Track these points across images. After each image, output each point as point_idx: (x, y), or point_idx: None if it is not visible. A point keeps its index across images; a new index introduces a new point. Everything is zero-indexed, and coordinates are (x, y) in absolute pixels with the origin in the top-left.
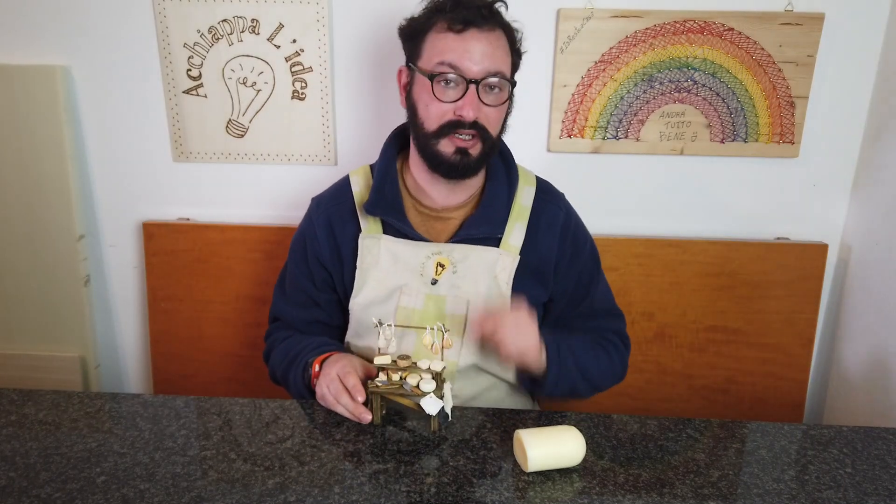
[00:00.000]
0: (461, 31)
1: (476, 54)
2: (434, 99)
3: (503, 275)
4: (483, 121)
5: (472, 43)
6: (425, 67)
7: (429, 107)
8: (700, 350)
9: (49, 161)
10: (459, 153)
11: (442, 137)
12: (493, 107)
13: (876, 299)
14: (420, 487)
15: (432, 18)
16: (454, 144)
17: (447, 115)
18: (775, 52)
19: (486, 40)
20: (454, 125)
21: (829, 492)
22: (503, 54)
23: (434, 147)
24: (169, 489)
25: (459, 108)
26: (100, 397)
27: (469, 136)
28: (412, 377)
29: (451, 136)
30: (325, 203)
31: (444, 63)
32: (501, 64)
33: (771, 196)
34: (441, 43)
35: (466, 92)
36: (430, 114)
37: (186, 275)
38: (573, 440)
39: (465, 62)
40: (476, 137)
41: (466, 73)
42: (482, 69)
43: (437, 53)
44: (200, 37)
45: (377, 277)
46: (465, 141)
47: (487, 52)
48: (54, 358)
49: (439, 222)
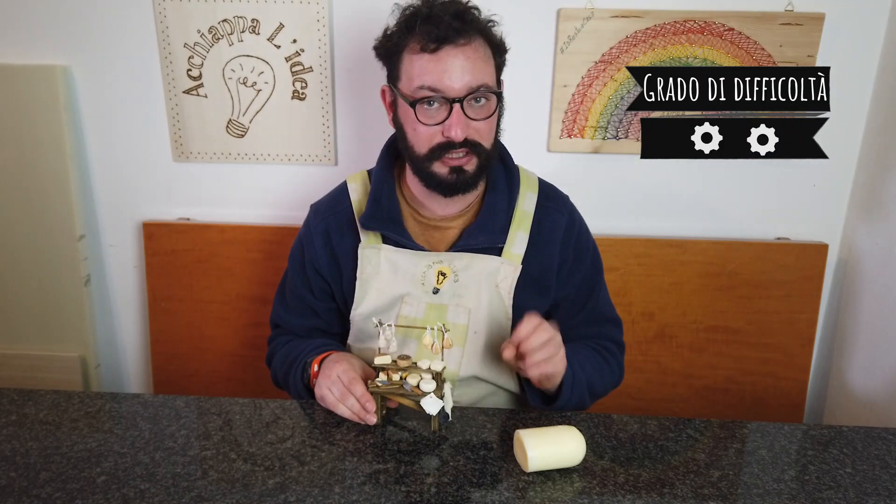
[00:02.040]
0: (435, 50)
1: (455, 72)
2: (419, 123)
3: (504, 284)
4: (474, 136)
5: (448, 61)
6: (406, 92)
7: (416, 130)
8: (700, 350)
9: (49, 161)
10: (455, 172)
11: (434, 160)
12: (482, 120)
13: (876, 299)
14: (420, 487)
15: (404, 38)
16: (447, 165)
17: (436, 137)
18: (775, 53)
19: (463, 55)
20: (445, 147)
21: (830, 492)
22: (483, 64)
23: (428, 169)
24: (169, 489)
25: (447, 130)
26: (100, 397)
27: (462, 153)
28: (412, 377)
29: (443, 158)
30: (323, 212)
31: (423, 87)
32: (483, 75)
33: (771, 196)
34: (417, 65)
35: (451, 112)
36: (418, 138)
37: (186, 275)
38: (573, 440)
39: (445, 82)
40: (469, 153)
41: (448, 92)
42: (463, 86)
43: (415, 77)
44: (201, 37)
45: (378, 287)
46: (458, 159)
47: (466, 67)
48: (55, 358)
49: (438, 232)
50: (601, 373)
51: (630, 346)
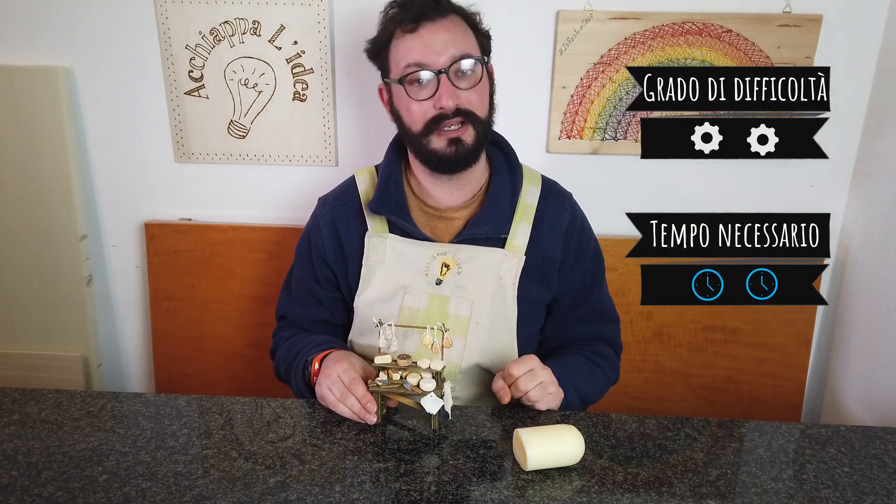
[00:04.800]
0: (414, 28)
1: (436, 44)
2: (412, 101)
3: (508, 276)
4: (465, 105)
5: (428, 36)
6: (395, 76)
7: (410, 110)
8: (698, 350)
9: (51, 161)
10: (453, 144)
11: (431, 135)
12: (471, 88)
13: (873, 299)
14: (420, 486)
15: (388, 30)
16: (445, 137)
17: (429, 112)
18: (773, 54)
19: (443, 27)
20: (438, 119)
21: (827, 491)
22: (464, 37)
23: (427, 146)
24: (171, 488)
25: (437, 101)
26: (102, 396)
27: (457, 124)
28: (412, 376)
29: (438, 130)
30: (331, 203)
31: (409, 65)
32: (465, 45)
33: (768, 196)
34: (401, 47)
35: (439, 84)
36: (413, 116)
37: (188, 275)
38: (572, 439)
39: (429, 56)
40: (465, 123)
41: (433, 65)
42: (448, 57)
43: (401, 58)
44: (202, 38)
45: (382, 276)
46: (454, 131)
47: (447, 38)
48: (57, 357)
49: (443, 222)
50: (595, 384)
51: (628, 346)
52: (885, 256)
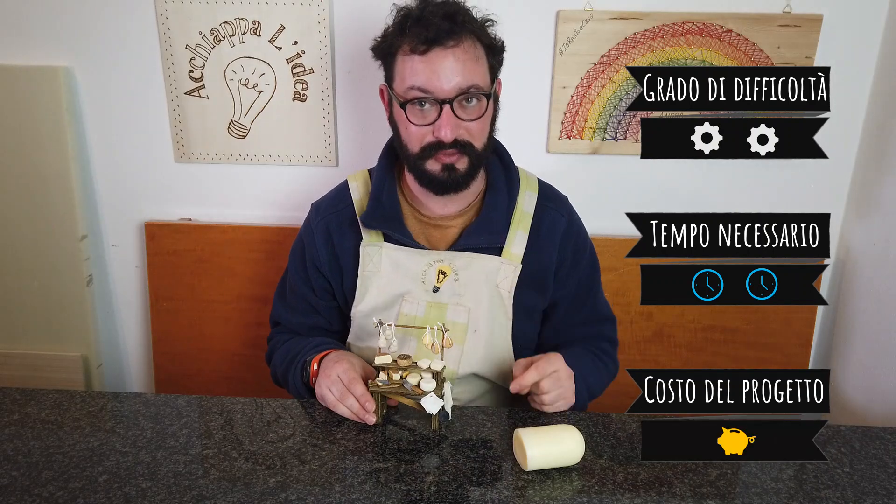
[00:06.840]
0: (425, 51)
1: (444, 72)
2: (411, 123)
3: (505, 284)
4: (464, 136)
5: (438, 63)
6: (398, 92)
7: (408, 130)
8: (698, 350)
9: (52, 161)
10: (446, 170)
11: (427, 158)
12: (473, 121)
13: (873, 299)
14: (420, 486)
15: (397, 40)
16: (440, 162)
17: (427, 137)
18: (773, 54)
19: (453, 56)
20: (435, 146)
21: (827, 491)
22: (474, 65)
23: (421, 167)
24: (171, 488)
25: (437, 130)
26: (102, 396)
27: (453, 153)
28: (412, 376)
29: (435, 156)
30: (324, 210)
31: (413, 88)
32: (473, 76)
33: (768, 196)
34: (408, 66)
35: (441, 113)
36: (410, 137)
37: (188, 275)
38: (572, 439)
39: (435, 84)
40: (460, 153)
41: (437, 94)
42: (453, 87)
43: (406, 78)
44: (202, 38)
45: (379, 285)
46: (449, 157)
47: (456, 68)
48: (57, 357)
49: (438, 230)
50: (601, 377)
51: (628, 346)
52: (885, 256)
